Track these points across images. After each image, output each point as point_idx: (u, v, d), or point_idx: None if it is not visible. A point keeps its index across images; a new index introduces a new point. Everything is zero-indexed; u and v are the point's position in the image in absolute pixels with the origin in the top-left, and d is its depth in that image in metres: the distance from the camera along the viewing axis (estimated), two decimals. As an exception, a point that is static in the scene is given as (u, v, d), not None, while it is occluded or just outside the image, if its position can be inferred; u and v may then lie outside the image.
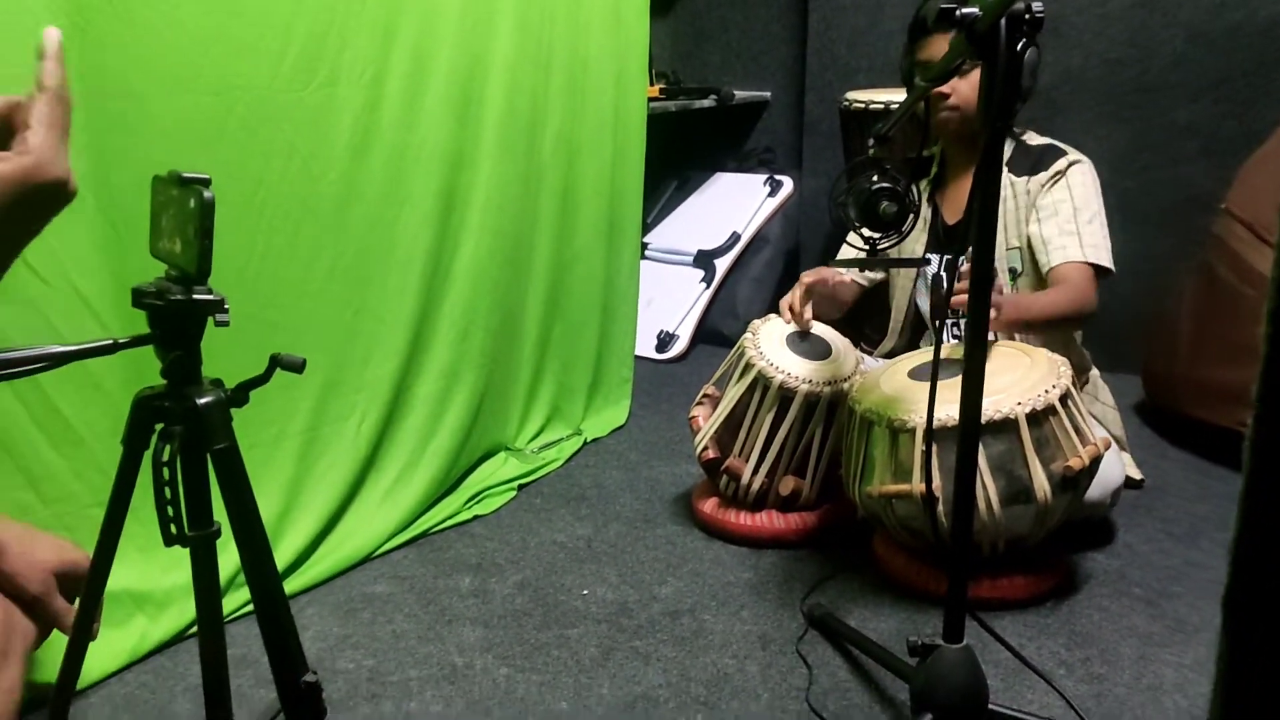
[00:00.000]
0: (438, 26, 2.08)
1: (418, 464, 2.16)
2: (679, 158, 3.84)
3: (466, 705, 1.58)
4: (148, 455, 1.14)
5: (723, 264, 3.50)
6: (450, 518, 2.19)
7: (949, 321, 2.16)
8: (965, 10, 1.16)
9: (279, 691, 1.20)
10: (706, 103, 3.53)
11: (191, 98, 1.70)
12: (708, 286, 3.46)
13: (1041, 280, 2.07)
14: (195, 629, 1.75)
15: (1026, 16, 1.12)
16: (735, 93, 3.62)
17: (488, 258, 2.26)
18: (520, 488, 2.36)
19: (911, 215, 1.69)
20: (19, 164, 0.77)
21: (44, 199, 0.79)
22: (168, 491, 1.13)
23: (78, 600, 1.33)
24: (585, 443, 2.63)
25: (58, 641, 1.36)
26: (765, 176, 3.66)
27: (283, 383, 1.20)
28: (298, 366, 1.17)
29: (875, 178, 1.70)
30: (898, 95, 2.87)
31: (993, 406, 1.69)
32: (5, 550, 1.29)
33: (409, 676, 1.65)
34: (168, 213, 1.08)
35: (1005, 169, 2.10)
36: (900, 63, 2.13)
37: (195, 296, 1.06)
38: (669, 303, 3.45)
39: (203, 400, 1.10)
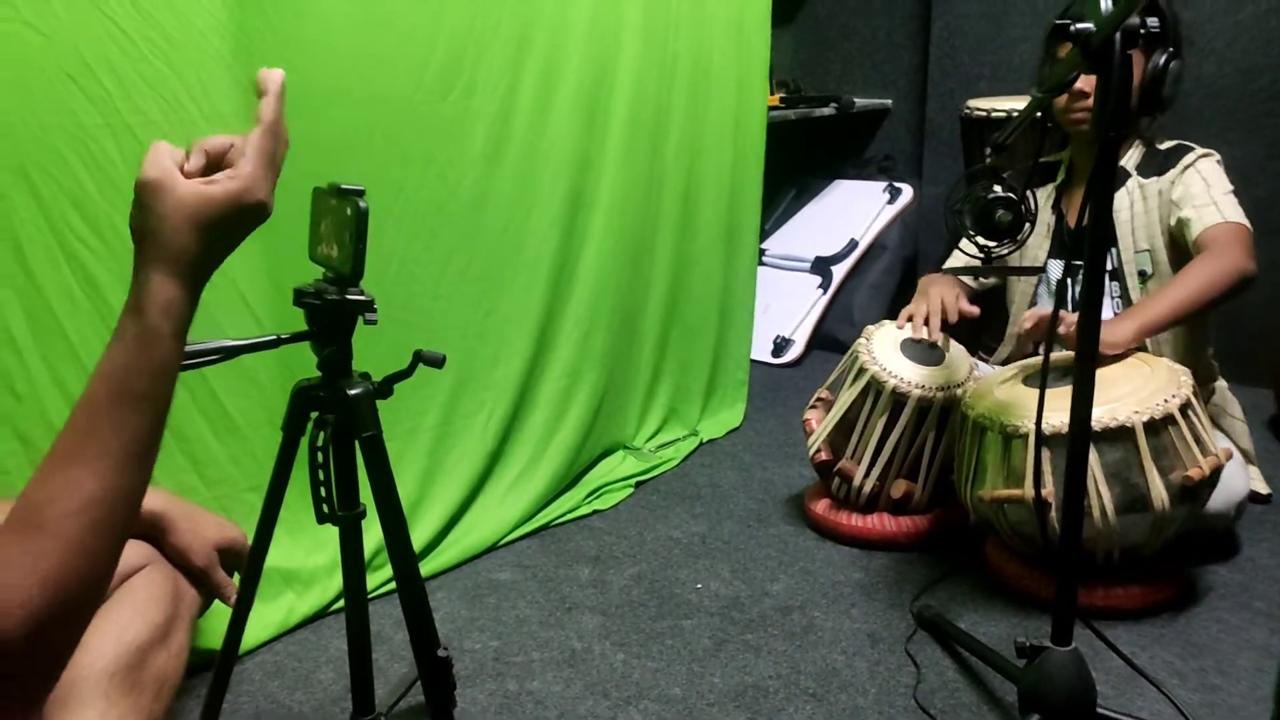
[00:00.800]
0: (567, 38, 2.18)
1: (541, 459, 2.27)
2: (798, 164, 3.88)
3: (585, 687, 1.66)
4: (302, 441, 1.26)
5: (840, 271, 3.52)
6: (570, 511, 2.28)
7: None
8: (1080, 25, 1.19)
9: (416, 660, 1.30)
10: (826, 111, 3.57)
11: (342, 110, 1.84)
12: (824, 293, 3.49)
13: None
14: (336, 606, 1.89)
15: (1141, 31, 1.14)
16: (855, 100, 3.65)
17: (610, 259, 2.35)
18: (637, 485, 2.44)
19: (1028, 224, 1.71)
20: (227, 187, 0.87)
21: (246, 219, 0.89)
22: (321, 474, 1.24)
23: (236, 574, 1.46)
24: (701, 443, 2.70)
25: (216, 612, 1.50)
26: (885, 184, 3.67)
27: (417, 380, 1.30)
28: (438, 362, 1.27)
29: (991, 186, 1.72)
30: (1019, 103, 2.85)
31: (1108, 414, 1.69)
32: (175, 526, 1.42)
33: (531, 658, 1.75)
34: (326, 220, 1.19)
35: (1133, 173, 2.09)
36: (1039, 68, 2.12)
37: (348, 296, 1.17)
38: (785, 308, 3.49)
39: (353, 391, 1.21)
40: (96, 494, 0.81)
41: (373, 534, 1.28)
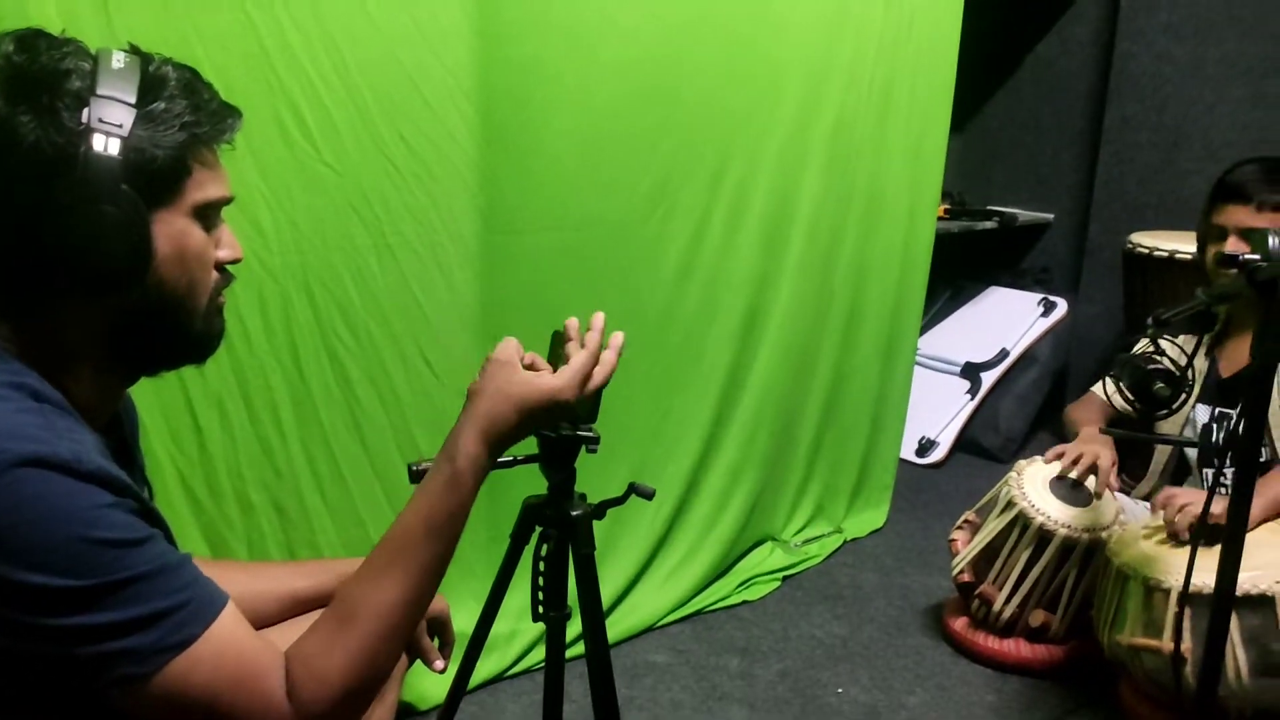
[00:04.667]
0: (759, 169, 2.38)
1: (700, 549, 2.46)
2: (955, 267, 3.98)
3: (733, 778, 1.84)
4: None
5: (989, 378, 3.62)
6: (721, 600, 2.47)
7: (1212, 471, 2.22)
8: (1249, 257, 1.32)
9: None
10: (989, 224, 3.69)
11: (560, 233, 2.08)
12: (972, 399, 3.59)
13: None
14: (511, 671, 2.11)
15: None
16: (1018, 215, 3.76)
17: (778, 370, 2.54)
18: (784, 579, 2.61)
19: (1184, 394, 1.82)
20: (551, 383, 1.10)
21: (554, 413, 1.12)
22: (541, 580, 1.46)
23: (436, 639, 1.68)
24: (844, 541, 2.85)
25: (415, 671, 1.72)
26: (1040, 296, 3.75)
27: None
28: (649, 495, 1.48)
29: (1152, 356, 1.84)
30: (1182, 244, 2.92)
31: (1250, 581, 1.78)
32: None
33: (684, 742, 1.93)
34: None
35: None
36: (1199, 221, 2.21)
37: (580, 433, 1.38)
38: (933, 409, 3.61)
39: (576, 513, 1.42)
40: (398, 599, 1.02)
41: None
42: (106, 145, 0.89)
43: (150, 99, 0.93)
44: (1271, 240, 1.32)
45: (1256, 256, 1.32)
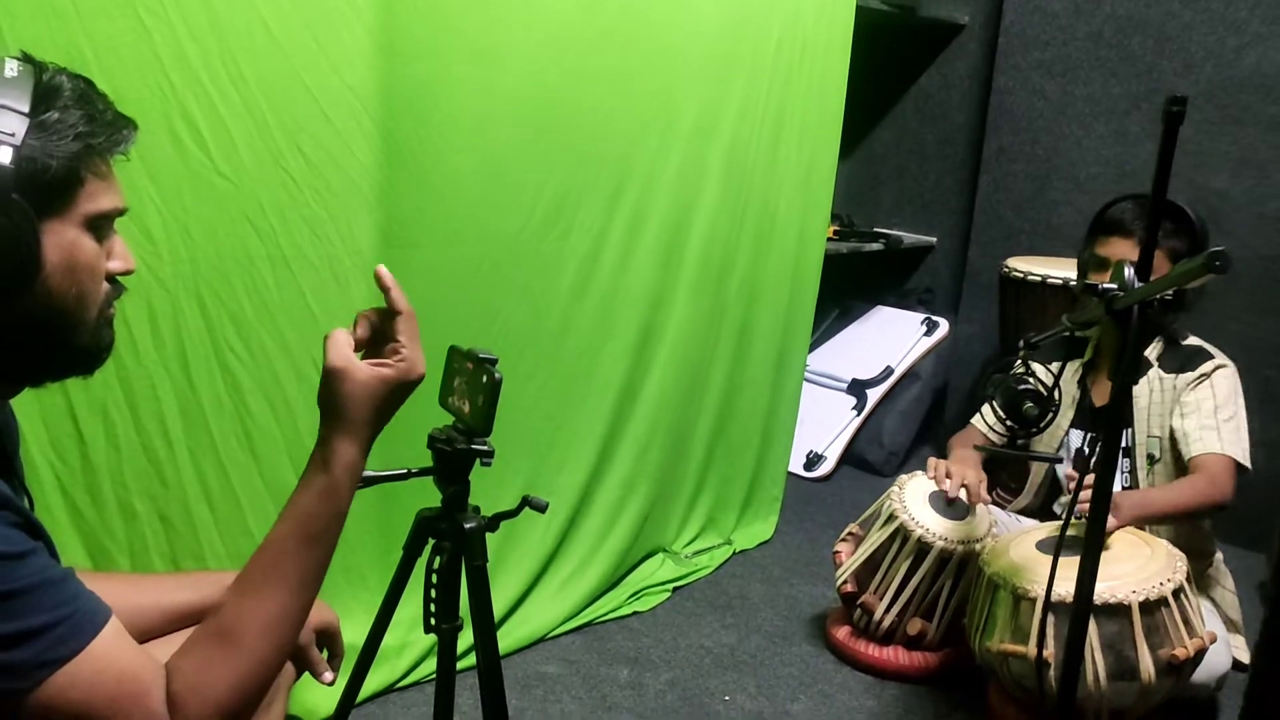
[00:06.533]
0: (656, 187, 2.43)
1: (591, 561, 2.49)
2: (843, 286, 4.11)
3: (622, 786, 1.87)
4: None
5: (874, 394, 3.74)
6: (612, 611, 2.50)
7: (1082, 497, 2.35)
8: (1107, 285, 1.42)
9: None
10: (876, 246, 3.82)
11: (459, 248, 2.10)
12: (858, 415, 3.71)
13: (1180, 468, 2.24)
14: (401, 683, 2.11)
15: (1155, 301, 1.38)
16: (903, 238, 3.90)
17: (671, 385, 2.59)
18: (675, 589, 2.66)
19: (1051, 414, 1.93)
20: (400, 369, 1.09)
21: (410, 390, 1.11)
22: (433, 592, 1.47)
23: (324, 650, 1.67)
24: (734, 553, 2.91)
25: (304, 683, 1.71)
26: (923, 316, 3.90)
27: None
28: (542, 508, 1.50)
29: (1023, 377, 1.94)
30: (1053, 269, 3.08)
31: (1109, 590, 1.90)
32: None
33: (574, 752, 1.96)
34: (460, 378, 1.42)
35: (1155, 364, 2.30)
36: (1079, 252, 2.34)
37: (474, 446, 1.40)
38: (820, 424, 3.71)
39: (469, 525, 1.44)
40: (276, 614, 1.03)
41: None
42: None
43: (44, 108, 0.92)
44: (1127, 271, 1.42)
45: (1114, 286, 1.43)
